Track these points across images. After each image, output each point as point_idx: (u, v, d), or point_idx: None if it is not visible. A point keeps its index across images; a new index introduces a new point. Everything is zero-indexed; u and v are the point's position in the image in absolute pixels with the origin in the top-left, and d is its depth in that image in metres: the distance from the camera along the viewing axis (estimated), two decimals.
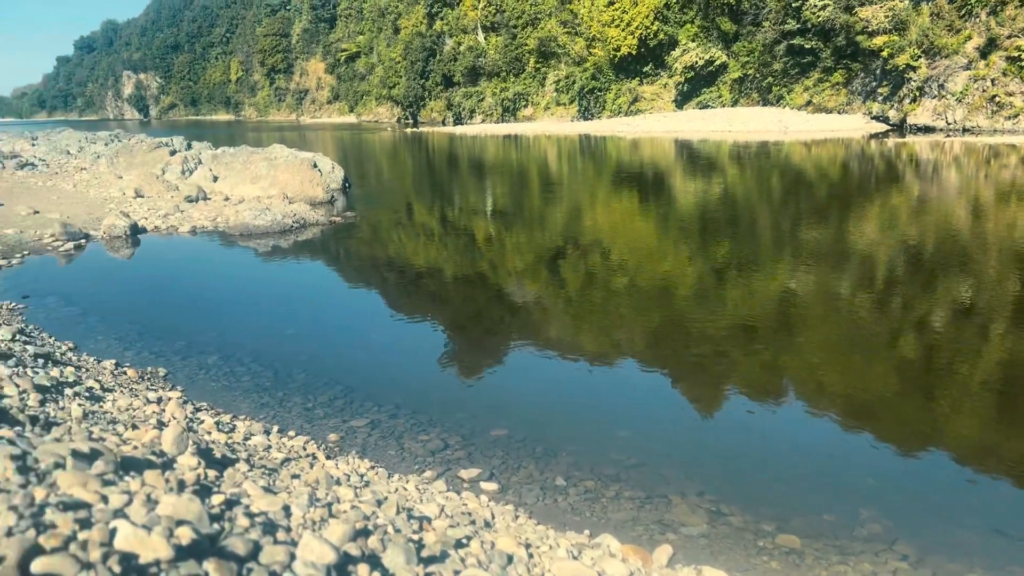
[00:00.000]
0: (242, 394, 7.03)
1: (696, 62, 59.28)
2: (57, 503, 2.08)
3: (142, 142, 26.62)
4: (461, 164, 36.30)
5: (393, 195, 24.78)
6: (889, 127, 42.78)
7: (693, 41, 60.71)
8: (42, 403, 4.27)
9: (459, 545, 3.39)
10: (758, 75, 54.88)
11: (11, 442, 2.53)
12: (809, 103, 49.90)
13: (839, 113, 47.48)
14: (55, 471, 2.41)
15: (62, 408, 4.32)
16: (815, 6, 48.06)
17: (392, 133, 69.93)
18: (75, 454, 2.57)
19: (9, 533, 1.83)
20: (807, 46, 49.54)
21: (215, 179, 21.20)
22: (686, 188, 22.95)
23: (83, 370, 6.40)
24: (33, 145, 36.11)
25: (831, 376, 7.54)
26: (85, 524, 1.96)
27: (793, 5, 49.74)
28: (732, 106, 57.20)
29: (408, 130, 74.25)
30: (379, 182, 29.23)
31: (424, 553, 3.01)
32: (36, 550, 1.80)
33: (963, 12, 40.02)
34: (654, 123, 54.72)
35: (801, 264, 12.19)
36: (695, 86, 60.94)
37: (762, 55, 53.89)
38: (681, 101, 62.28)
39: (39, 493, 2.12)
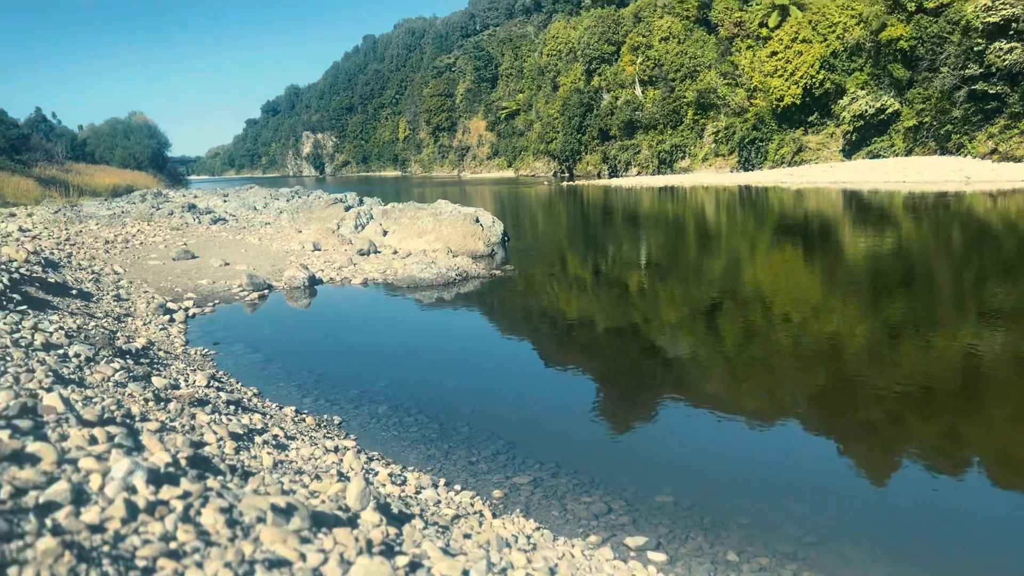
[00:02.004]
0: (410, 445, 7.22)
1: (866, 110, 56.70)
2: (263, 559, 2.19)
3: (319, 198, 28.53)
4: (616, 216, 36.32)
5: (550, 248, 25.10)
6: None
7: (862, 89, 58.19)
8: (237, 451, 4.58)
9: None
10: (935, 123, 51.70)
11: (219, 494, 2.71)
12: (994, 151, 46.33)
13: None
14: (257, 525, 2.54)
15: (254, 457, 4.61)
16: (1000, 49, 44.94)
17: (548, 187, 71.18)
18: (274, 508, 2.70)
19: None
20: (991, 91, 46.28)
21: (385, 233, 22.33)
22: (855, 240, 21.77)
23: (268, 417, 6.82)
24: (224, 201, 39.56)
25: None
26: None
27: (975, 49, 46.74)
28: (906, 155, 54.08)
29: (564, 183, 75.34)
30: (536, 235, 29.72)
31: None
32: None
33: None
34: (819, 173, 52.57)
35: (987, 324, 11.18)
36: (865, 135, 58.20)
37: (939, 102, 50.79)
38: (849, 151, 59.61)
39: (247, 548, 2.24)
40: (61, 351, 6.38)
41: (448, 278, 16.66)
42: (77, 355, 6.38)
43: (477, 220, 21.83)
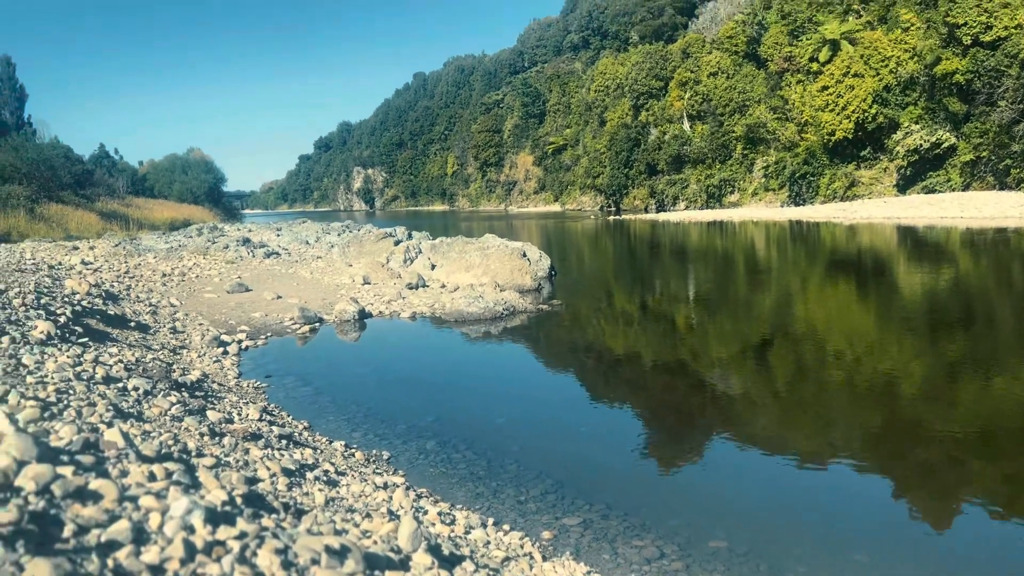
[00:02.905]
0: (458, 482, 7.18)
1: (920, 145, 55.70)
2: None
3: (370, 232, 28.97)
4: (664, 251, 36.11)
5: (597, 282, 25.02)
6: None
7: (917, 123, 57.24)
8: (289, 487, 4.61)
9: None
10: (993, 157, 50.55)
11: (275, 535, 2.71)
12: None
13: None
14: (312, 567, 2.53)
15: (306, 494, 4.63)
16: None
17: (595, 221, 71.22)
18: (328, 550, 2.69)
19: None
20: None
21: (433, 267, 22.53)
22: (910, 277, 21.27)
23: (319, 451, 6.87)
24: (277, 235, 40.41)
25: None
26: None
27: None
28: (963, 190, 52.88)
29: (610, 218, 75.33)
30: (582, 270, 29.68)
31: None
32: None
33: None
34: (873, 209, 51.64)
35: None
36: (919, 170, 57.12)
37: (998, 136, 49.68)
38: (904, 185, 58.52)
39: None
40: (120, 384, 6.53)
41: (495, 312, 16.68)
42: (136, 388, 6.52)
43: (524, 255, 21.90)
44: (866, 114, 60.45)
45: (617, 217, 75.79)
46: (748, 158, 75.23)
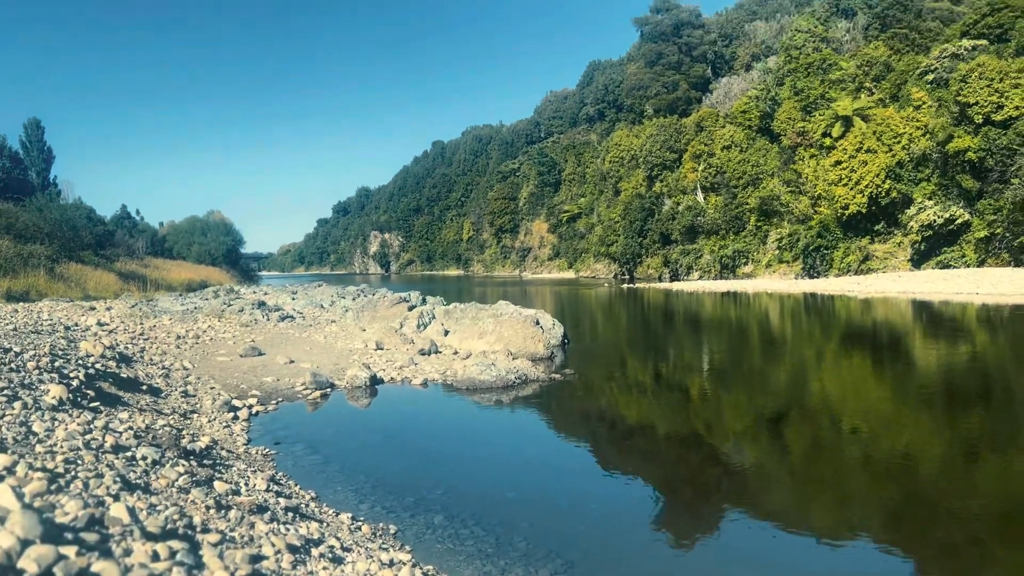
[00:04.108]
0: (466, 559, 7.04)
1: (934, 220, 55.85)
2: None
3: (384, 297, 29.11)
4: (678, 321, 36.00)
5: (610, 351, 24.89)
6: None
7: (930, 199, 57.54)
8: (294, 565, 4.52)
9: None
10: (1008, 234, 50.55)
11: None
12: None
13: None
14: None
15: (311, 573, 4.54)
16: None
17: (608, 288, 71.33)
18: None
19: None
20: None
21: (446, 333, 22.53)
22: (927, 353, 21.04)
23: (325, 524, 6.76)
24: (293, 299, 40.65)
25: None
26: None
27: None
28: (978, 266, 52.73)
29: (624, 286, 75.44)
30: (596, 338, 29.56)
31: None
32: None
33: None
34: (888, 283, 51.48)
35: None
36: (934, 245, 57.15)
37: (1012, 213, 49.79)
38: (918, 260, 58.49)
39: None
40: (129, 453, 6.50)
41: (507, 380, 16.60)
42: (144, 458, 6.48)
43: (537, 322, 21.89)
44: (879, 189, 60.84)
45: (631, 285, 75.91)
46: (762, 230, 75.56)
